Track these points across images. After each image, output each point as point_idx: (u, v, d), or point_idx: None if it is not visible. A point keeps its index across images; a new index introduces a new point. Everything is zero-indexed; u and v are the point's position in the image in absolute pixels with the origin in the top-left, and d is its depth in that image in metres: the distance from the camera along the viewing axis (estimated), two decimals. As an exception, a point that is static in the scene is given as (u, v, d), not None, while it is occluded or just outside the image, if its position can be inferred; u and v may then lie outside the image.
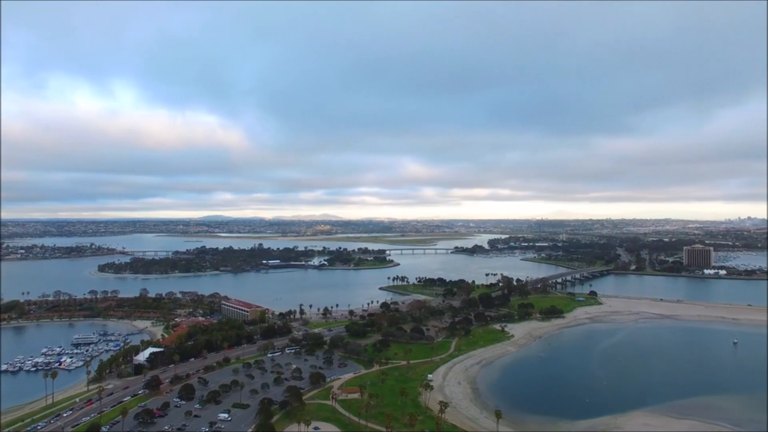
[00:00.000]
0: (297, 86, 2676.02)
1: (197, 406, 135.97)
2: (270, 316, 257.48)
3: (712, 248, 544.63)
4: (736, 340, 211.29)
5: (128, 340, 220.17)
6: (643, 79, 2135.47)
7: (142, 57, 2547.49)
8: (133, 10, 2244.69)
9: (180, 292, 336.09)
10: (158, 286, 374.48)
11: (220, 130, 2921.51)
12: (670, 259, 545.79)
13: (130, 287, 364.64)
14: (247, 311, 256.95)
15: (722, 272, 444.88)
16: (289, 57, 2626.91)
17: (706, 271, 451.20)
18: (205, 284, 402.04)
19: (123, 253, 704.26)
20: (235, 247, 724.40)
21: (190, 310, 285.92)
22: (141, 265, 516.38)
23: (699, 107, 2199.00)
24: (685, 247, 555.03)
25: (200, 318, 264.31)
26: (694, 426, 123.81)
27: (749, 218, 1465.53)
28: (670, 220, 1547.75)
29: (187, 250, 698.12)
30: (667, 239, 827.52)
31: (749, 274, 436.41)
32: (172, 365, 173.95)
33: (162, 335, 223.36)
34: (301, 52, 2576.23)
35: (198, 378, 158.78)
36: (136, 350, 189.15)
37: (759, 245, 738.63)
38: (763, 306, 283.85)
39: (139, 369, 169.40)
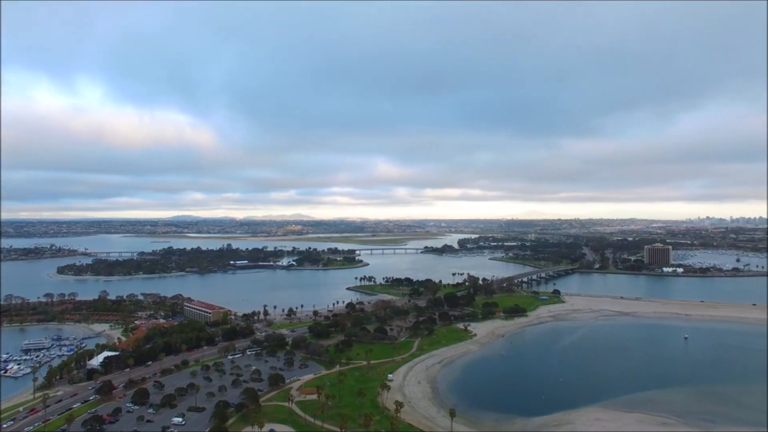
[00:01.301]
0: (267, 86, 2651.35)
1: (151, 410, 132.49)
2: (233, 317, 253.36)
3: (670, 247, 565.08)
4: (687, 335, 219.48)
5: (83, 345, 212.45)
6: (608, 83, 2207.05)
7: (108, 54, 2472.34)
8: (96, 5, 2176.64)
9: (142, 294, 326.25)
10: (120, 288, 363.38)
11: (190, 129, 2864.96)
12: (633, 258, 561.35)
13: (90, 290, 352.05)
14: (210, 313, 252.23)
15: (680, 270, 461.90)
16: (259, 56, 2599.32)
17: (665, 269, 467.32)
18: (170, 286, 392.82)
19: (85, 254, 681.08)
20: (204, 248, 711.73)
21: (151, 312, 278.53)
22: (103, 267, 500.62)
23: (661, 111, 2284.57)
24: (646, 246, 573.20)
25: (161, 320, 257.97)
26: (642, 419, 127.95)
27: (707, 218, 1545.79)
28: (635, 220, 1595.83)
29: (153, 250, 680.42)
30: (631, 238, 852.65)
31: (704, 271, 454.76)
32: (128, 369, 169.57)
33: (119, 338, 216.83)
34: (271, 52, 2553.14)
35: (154, 382, 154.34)
36: (90, 355, 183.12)
37: (714, 244, 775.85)
38: (713, 302, 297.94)
39: (91, 374, 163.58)
